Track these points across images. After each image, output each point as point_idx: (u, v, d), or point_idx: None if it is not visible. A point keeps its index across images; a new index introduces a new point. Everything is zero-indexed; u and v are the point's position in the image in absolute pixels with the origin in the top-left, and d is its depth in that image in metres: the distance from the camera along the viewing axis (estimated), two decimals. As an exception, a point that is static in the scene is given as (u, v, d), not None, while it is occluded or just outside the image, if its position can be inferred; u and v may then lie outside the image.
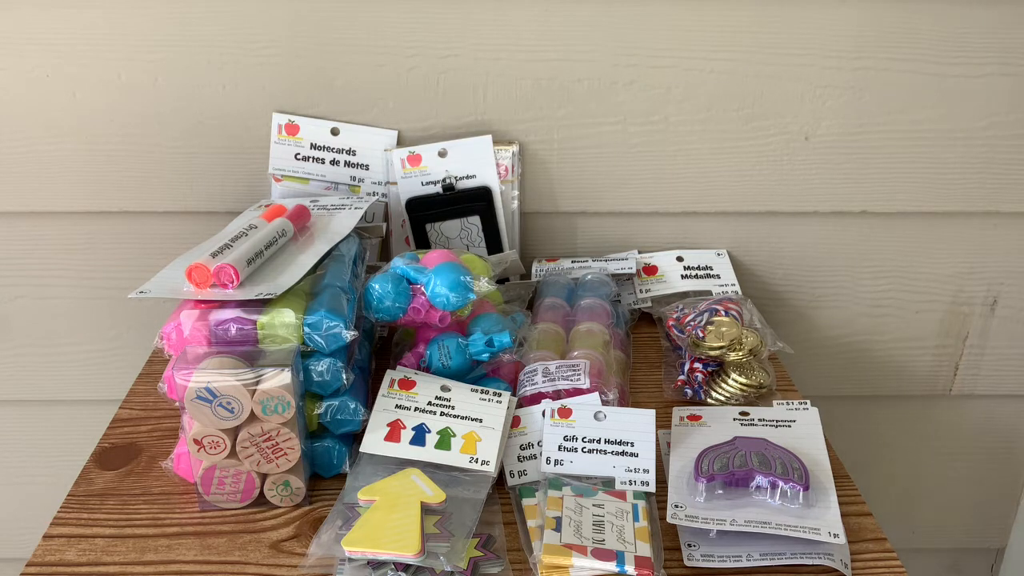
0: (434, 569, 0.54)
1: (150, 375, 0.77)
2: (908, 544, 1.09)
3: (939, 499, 1.07)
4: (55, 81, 0.82)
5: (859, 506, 0.62)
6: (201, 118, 0.83)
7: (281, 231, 0.69)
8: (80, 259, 0.89)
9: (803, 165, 0.87)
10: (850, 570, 0.56)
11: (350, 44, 0.81)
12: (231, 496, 0.61)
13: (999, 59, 0.83)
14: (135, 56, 0.81)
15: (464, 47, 0.81)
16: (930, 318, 0.95)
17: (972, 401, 1.01)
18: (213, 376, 0.57)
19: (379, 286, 0.66)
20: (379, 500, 0.57)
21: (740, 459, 0.61)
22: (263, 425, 0.58)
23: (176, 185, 0.86)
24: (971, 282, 0.94)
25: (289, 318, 0.60)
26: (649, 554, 0.55)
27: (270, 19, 0.80)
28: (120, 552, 0.58)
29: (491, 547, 0.56)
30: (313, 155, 0.84)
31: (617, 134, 0.85)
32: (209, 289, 0.61)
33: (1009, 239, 0.92)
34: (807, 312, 0.95)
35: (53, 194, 0.86)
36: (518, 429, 0.65)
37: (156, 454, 0.67)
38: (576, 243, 0.91)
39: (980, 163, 0.88)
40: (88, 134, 0.84)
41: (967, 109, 0.85)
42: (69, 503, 0.62)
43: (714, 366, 0.73)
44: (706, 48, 0.82)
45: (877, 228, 0.91)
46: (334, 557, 0.55)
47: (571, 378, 0.66)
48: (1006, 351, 0.97)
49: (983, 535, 1.10)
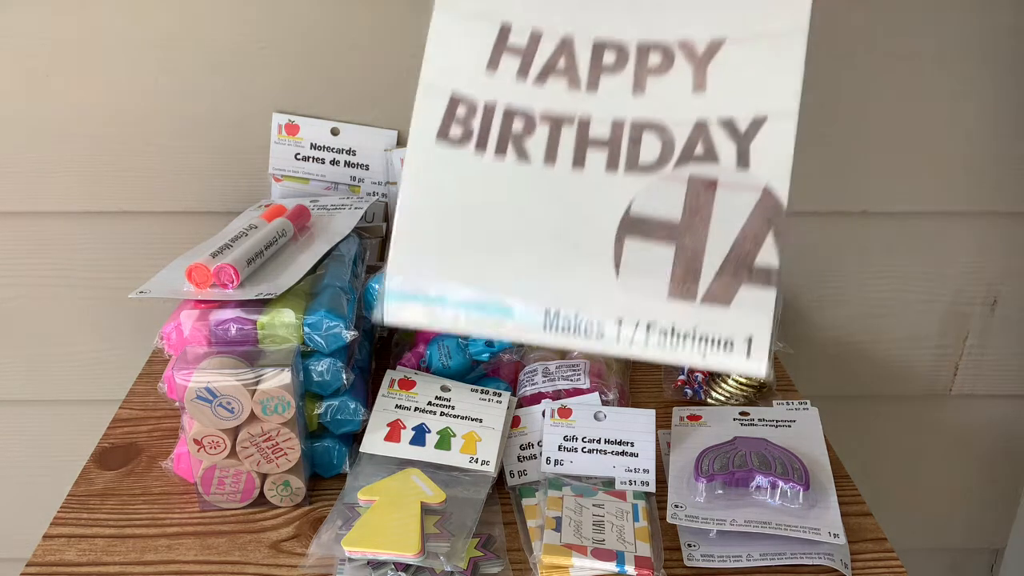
0: (434, 569, 0.54)
1: (150, 375, 0.77)
2: (908, 544, 1.09)
3: (939, 499, 1.07)
4: (55, 81, 0.82)
5: (859, 506, 0.62)
6: (201, 118, 0.83)
7: (281, 231, 0.69)
8: (80, 259, 0.89)
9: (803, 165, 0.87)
10: (850, 570, 0.56)
11: (350, 44, 0.81)
12: (231, 496, 0.61)
13: (1000, 59, 0.83)
14: (135, 56, 0.81)
15: None
16: (930, 318, 0.95)
17: (972, 401, 1.00)
18: (213, 376, 0.57)
19: (379, 286, 0.66)
20: (379, 500, 0.57)
21: (740, 459, 0.61)
22: (263, 425, 0.58)
23: (176, 185, 0.86)
24: (971, 282, 0.94)
25: (289, 318, 0.60)
26: (649, 554, 0.55)
27: (270, 19, 0.80)
28: (120, 552, 0.58)
29: (491, 547, 0.56)
30: (313, 155, 0.84)
31: (617, 134, 0.85)
32: (209, 289, 0.61)
33: (1009, 239, 0.92)
34: (807, 312, 0.95)
35: (53, 194, 0.86)
36: (518, 429, 0.65)
37: (156, 454, 0.67)
38: (576, 243, 0.90)
39: (980, 163, 0.88)
40: (88, 134, 0.84)
41: (967, 109, 0.85)
42: (69, 503, 0.62)
43: (714, 366, 0.73)
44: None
45: (877, 228, 0.91)
46: (334, 557, 0.55)
47: (571, 378, 0.66)
48: (1006, 351, 0.97)
49: (983, 535, 1.10)
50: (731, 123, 0.38)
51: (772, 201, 0.37)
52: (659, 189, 0.37)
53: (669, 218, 0.36)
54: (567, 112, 0.38)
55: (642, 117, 0.38)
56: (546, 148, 0.38)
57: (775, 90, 0.37)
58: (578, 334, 0.36)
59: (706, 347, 0.36)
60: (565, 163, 0.38)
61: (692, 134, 0.37)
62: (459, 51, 0.40)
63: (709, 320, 0.36)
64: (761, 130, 0.38)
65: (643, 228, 0.36)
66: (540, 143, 0.38)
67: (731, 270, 0.36)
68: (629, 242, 0.36)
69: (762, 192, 0.37)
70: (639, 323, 0.36)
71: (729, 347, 0.36)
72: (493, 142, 0.38)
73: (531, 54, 0.39)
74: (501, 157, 0.38)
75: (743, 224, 0.37)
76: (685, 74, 0.38)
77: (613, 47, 0.39)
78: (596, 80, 0.39)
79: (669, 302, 0.36)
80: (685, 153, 0.37)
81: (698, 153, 0.37)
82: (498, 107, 0.39)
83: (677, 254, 0.36)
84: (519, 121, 0.39)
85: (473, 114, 0.39)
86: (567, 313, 0.37)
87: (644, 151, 0.38)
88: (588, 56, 0.39)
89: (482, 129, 0.39)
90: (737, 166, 0.37)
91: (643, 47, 0.38)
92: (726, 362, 0.36)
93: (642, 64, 0.38)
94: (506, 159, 0.38)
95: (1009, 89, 0.85)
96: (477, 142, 0.38)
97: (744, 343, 0.36)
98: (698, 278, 0.36)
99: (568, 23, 0.39)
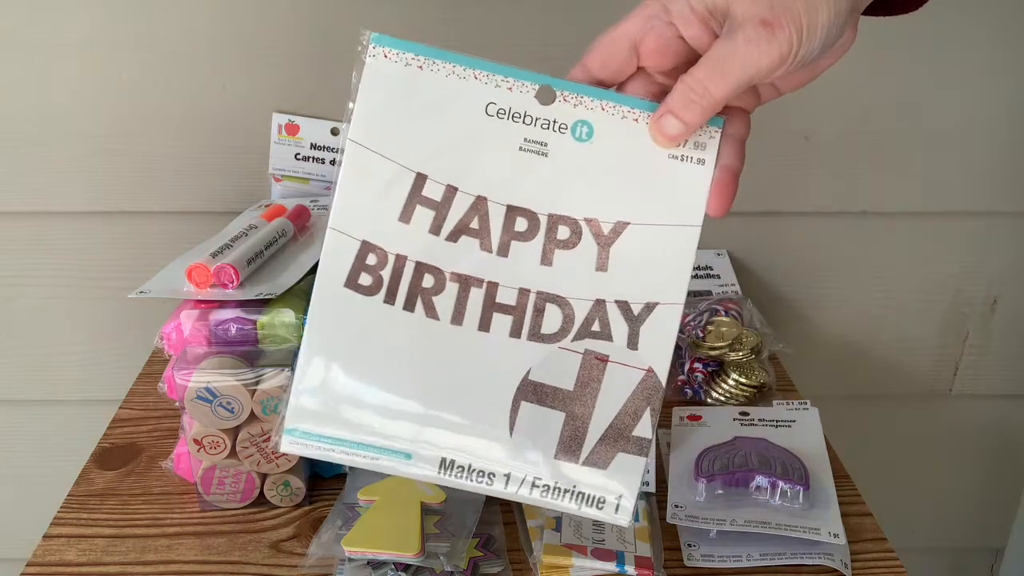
0: (434, 569, 0.54)
1: (150, 375, 0.77)
2: (908, 544, 1.09)
3: (939, 499, 1.07)
4: (55, 81, 0.82)
5: (859, 506, 0.62)
6: (201, 118, 0.83)
7: (281, 231, 0.69)
8: (80, 259, 0.89)
9: (803, 165, 0.87)
10: (850, 570, 0.56)
11: (350, 44, 0.81)
12: (231, 496, 0.61)
13: (1000, 59, 0.83)
14: (135, 56, 0.81)
15: (464, 47, 0.81)
16: (930, 318, 0.95)
17: (972, 401, 1.00)
18: (213, 376, 0.57)
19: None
20: (379, 500, 0.57)
21: (740, 459, 0.61)
22: (263, 425, 0.58)
23: (176, 185, 0.86)
24: (971, 282, 0.94)
25: (289, 318, 0.60)
26: (649, 554, 0.55)
27: (270, 19, 0.80)
28: (120, 552, 0.58)
29: (491, 547, 0.56)
30: (313, 155, 0.84)
31: (617, 134, 0.85)
32: (209, 289, 0.61)
33: (1009, 239, 0.92)
34: (807, 312, 0.95)
35: (53, 194, 0.86)
36: (518, 429, 0.64)
37: (156, 454, 0.67)
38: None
39: (980, 163, 0.88)
40: (88, 134, 0.84)
41: (967, 109, 0.85)
42: (69, 503, 0.62)
43: (714, 366, 0.73)
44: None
45: (877, 228, 0.91)
46: (334, 557, 0.55)
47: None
48: (1006, 351, 0.97)
49: (983, 535, 1.10)
50: (626, 305, 0.42)
51: (653, 381, 0.41)
52: (556, 359, 0.41)
53: (563, 386, 0.41)
54: (476, 274, 0.41)
55: (547, 290, 0.41)
56: (454, 308, 0.41)
57: (667, 282, 0.41)
58: (469, 480, 0.41)
59: (582, 502, 0.41)
60: (471, 324, 0.41)
61: (591, 311, 0.41)
62: (372, 196, 0.41)
63: (587, 481, 0.41)
64: (651, 315, 0.41)
65: (538, 394, 0.40)
66: (448, 302, 0.41)
67: (611, 439, 0.40)
68: (524, 405, 0.40)
69: (646, 372, 0.41)
70: (525, 478, 0.40)
71: (601, 503, 0.41)
72: (402, 296, 0.40)
73: (445, 209, 0.41)
74: (410, 311, 0.40)
75: (625, 399, 0.41)
76: (590, 253, 0.42)
77: (525, 214, 0.42)
78: (507, 245, 0.42)
79: (554, 462, 0.40)
80: (583, 328, 0.41)
81: (595, 329, 0.41)
82: (409, 260, 0.41)
83: (566, 421, 0.40)
84: (429, 277, 0.41)
85: (384, 264, 0.41)
86: (461, 463, 0.40)
87: (546, 322, 0.41)
88: (501, 220, 0.42)
89: (391, 281, 0.41)
90: (627, 346, 0.41)
91: (553, 218, 0.42)
92: (597, 515, 0.41)
93: (551, 236, 0.42)
94: (414, 314, 0.41)
95: (1009, 89, 0.85)
96: (386, 294, 0.41)
97: (615, 500, 0.41)
98: (582, 444, 0.40)
99: (483, 184, 0.42)
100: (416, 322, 0.40)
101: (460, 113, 0.42)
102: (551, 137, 0.42)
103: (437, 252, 0.41)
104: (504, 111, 0.42)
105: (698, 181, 0.41)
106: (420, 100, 0.42)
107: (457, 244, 0.41)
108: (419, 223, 0.41)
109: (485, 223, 0.41)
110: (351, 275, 0.40)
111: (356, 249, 0.41)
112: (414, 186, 0.41)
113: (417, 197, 0.41)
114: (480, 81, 0.42)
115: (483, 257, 0.41)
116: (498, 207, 0.41)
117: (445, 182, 0.41)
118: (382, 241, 0.41)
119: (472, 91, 0.42)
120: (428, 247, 0.41)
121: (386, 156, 0.41)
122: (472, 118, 0.41)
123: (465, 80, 0.42)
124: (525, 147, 0.42)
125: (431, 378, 0.40)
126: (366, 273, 0.40)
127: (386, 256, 0.41)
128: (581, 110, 0.41)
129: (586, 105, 0.41)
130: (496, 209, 0.41)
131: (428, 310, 0.40)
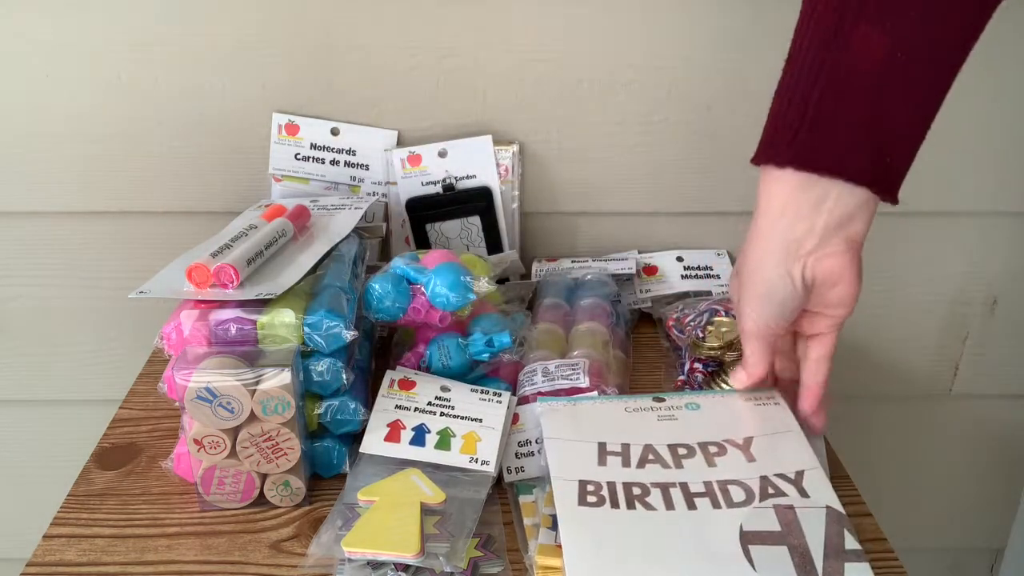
0: (434, 569, 0.54)
1: (150, 375, 0.77)
2: (908, 544, 1.09)
3: (939, 499, 1.07)
4: (55, 81, 0.82)
5: (859, 506, 0.62)
6: (201, 118, 0.83)
7: (281, 231, 0.69)
8: (80, 259, 0.89)
9: (803, 165, 0.87)
10: (850, 570, 0.57)
11: (350, 44, 0.81)
12: (231, 496, 0.61)
13: (1000, 59, 0.83)
14: (135, 56, 0.81)
15: (464, 47, 0.81)
16: (930, 318, 0.95)
17: (972, 401, 1.01)
18: (213, 376, 0.57)
19: (379, 286, 0.66)
20: (379, 500, 0.57)
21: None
22: (263, 425, 0.58)
23: (176, 185, 0.86)
24: (971, 282, 0.94)
25: (289, 318, 0.60)
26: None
27: (270, 19, 0.80)
28: (120, 552, 0.58)
29: (491, 547, 0.56)
30: (313, 155, 0.84)
31: (617, 134, 0.85)
32: (209, 289, 0.61)
33: (1009, 239, 0.92)
34: (807, 312, 0.94)
35: (53, 194, 0.86)
36: (516, 426, 0.65)
37: (156, 454, 0.67)
38: (576, 243, 0.91)
39: (980, 163, 0.88)
40: (88, 134, 0.84)
41: (967, 109, 0.85)
42: (69, 503, 0.62)
43: (714, 366, 0.73)
44: (707, 48, 0.82)
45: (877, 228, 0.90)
46: (334, 557, 0.55)
47: (570, 377, 0.66)
48: (1006, 351, 0.97)
49: (983, 535, 1.10)
50: (783, 475, 0.55)
51: (836, 513, 0.52)
52: (757, 514, 0.52)
53: (773, 529, 0.51)
54: (669, 480, 0.55)
55: (722, 478, 0.55)
56: (663, 502, 0.53)
57: (800, 456, 0.57)
58: None
59: None
60: (682, 508, 0.53)
61: (761, 483, 0.54)
62: (574, 457, 0.57)
63: None
64: (805, 476, 0.55)
65: (760, 537, 0.51)
66: (658, 499, 0.54)
67: (832, 556, 0.49)
68: (753, 548, 0.50)
69: (827, 509, 0.52)
70: None
71: None
72: (623, 502, 0.53)
73: (627, 455, 0.57)
74: (632, 510, 0.53)
75: (825, 527, 0.51)
76: (737, 454, 0.57)
77: (683, 447, 0.58)
78: (679, 462, 0.57)
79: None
80: (762, 494, 0.54)
81: (771, 492, 0.54)
82: (617, 484, 0.55)
83: (791, 551, 0.50)
84: (636, 489, 0.54)
85: (600, 488, 0.54)
86: None
87: (734, 496, 0.54)
88: (668, 452, 0.58)
89: (611, 495, 0.54)
90: (800, 496, 0.53)
91: (702, 443, 0.58)
92: None
93: (706, 452, 0.57)
94: (637, 510, 0.53)
95: (1010, 89, 0.85)
96: (611, 504, 0.53)
97: None
98: (815, 566, 0.49)
99: (646, 437, 0.59)
100: (640, 515, 0.53)
101: (606, 412, 0.62)
102: (674, 412, 0.61)
103: (634, 475, 0.55)
104: (636, 408, 0.62)
105: (781, 409, 0.61)
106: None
107: (645, 469, 0.56)
108: (613, 464, 0.57)
109: (658, 455, 0.57)
110: (580, 498, 0.54)
111: (576, 485, 0.55)
112: (600, 448, 0.58)
113: (604, 452, 0.57)
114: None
115: (667, 472, 0.56)
116: (662, 446, 0.58)
117: (619, 441, 0.58)
118: (592, 476, 0.55)
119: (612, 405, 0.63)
120: (626, 475, 0.56)
121: (573, 435, 0.59)
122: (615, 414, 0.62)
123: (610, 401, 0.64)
124: (661, 418, 0.61)
125: (669, 546, 0.51)
126: (590, 495, 0.54)
127: (600, 484, 0.55)
128: (686, 399, 0.63)
129: (687, 396, 0.63)
130: (661, 447, 0.58)
131: (646, 508, 0.53)
